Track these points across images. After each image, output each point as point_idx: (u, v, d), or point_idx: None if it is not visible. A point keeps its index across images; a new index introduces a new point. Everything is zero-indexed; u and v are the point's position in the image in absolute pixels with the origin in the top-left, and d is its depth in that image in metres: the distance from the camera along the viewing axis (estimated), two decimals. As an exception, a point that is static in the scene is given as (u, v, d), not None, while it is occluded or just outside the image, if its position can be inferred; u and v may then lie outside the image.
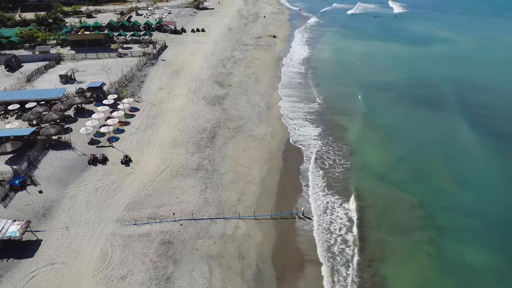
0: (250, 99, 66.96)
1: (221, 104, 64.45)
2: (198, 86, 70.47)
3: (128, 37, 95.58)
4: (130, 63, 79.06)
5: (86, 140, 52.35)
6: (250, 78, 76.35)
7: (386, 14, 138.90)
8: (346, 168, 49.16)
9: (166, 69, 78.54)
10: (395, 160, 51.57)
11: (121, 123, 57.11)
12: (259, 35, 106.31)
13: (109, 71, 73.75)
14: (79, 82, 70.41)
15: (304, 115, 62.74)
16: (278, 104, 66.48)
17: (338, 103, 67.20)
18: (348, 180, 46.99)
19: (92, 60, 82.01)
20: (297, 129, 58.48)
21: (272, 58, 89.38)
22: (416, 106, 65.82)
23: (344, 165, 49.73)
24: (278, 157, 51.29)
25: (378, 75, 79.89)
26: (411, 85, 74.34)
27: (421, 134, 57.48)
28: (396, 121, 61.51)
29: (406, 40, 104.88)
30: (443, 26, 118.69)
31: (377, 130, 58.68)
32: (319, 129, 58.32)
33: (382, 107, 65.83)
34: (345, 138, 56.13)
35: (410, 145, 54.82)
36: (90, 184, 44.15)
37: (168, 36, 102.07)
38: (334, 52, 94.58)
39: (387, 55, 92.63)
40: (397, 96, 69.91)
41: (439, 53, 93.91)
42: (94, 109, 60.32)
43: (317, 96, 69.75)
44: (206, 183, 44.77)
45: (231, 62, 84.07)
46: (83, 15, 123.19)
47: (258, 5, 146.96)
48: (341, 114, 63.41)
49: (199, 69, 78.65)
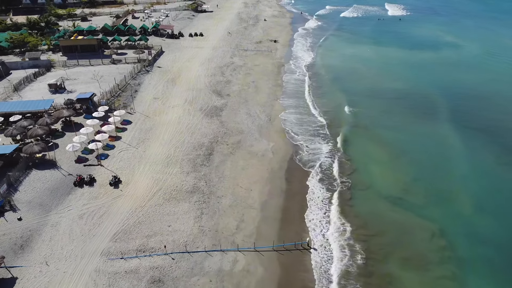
0: (250, 111, 63.13)
1: (219, 116, 60.61)
2: (195, 96, 66.63)
3: (123, 42, 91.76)
4: (124, 70, 75.22)
5: (73, 157, 48.53)
6: (250, 86, 72.52)
7: (390, 18, 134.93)
8: (354, 188, 45.37)
9: (162, 77, 74.70)
10: (405, 179, 47.77)
11: (112, 138, 53.26)
12: (259, 40, 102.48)
13: (101, 79, 70.05)
14: (69, 91, 66.56)
15: (307, 128, 58.92)
16: (280, 115, 62.64)
17: (343, 114, 63.36)
18: (355, 202, 43.20)
19: (84, 67, 78.16)
20: (300, 144, 54.65)
21: (273, 64, 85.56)
22: (426, 118, 61.99)
23: (352, 185, 45.93)
24: (280, 177, 47.45)
25: (385, 83, 76.08)
26: (420, 94, 70.43)
27: (433, 150, 53.70)
28: (406, 134, 57.69)
29: (412, 44, 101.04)
30: (449, 30, 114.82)
31: (385, 145, 54.85)
32: (324, 144, 54.51)
33: (389, 119, 62.00)
34: (351, 153, 52.32)
35: (421, 162, 51.06)
36: (75, 209, 40.29)
37: (165, 40, 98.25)
38: (338, 58, 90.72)
39: (393, 61, 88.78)
40: (406, 106, 66.04)
41: (446, 58, 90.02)
42: (83, 121, 56.54)
43: (320, 106, 65.91)
44: (202, 208, 40.92)
45: (230, 69, 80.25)
46: (78, 18, 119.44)
47: (258, 7, 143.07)
48: (346, 126, 59.58)
49: (197, 77, 74.82)
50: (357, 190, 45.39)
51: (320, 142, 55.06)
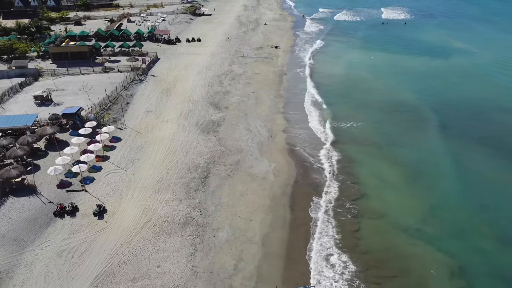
0: (249, 125, 58.70)
1: (217, 132, 56.19)
2: (190, 109, 62.19)
3: (116, 49, 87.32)
4: (116, 79, 70.81)
5: (55, 181, 44.12)
6: (250, 98, 68.09)
7: (395, 22, 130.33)
8: (362, 216, 41.05)
9: (156, 87, 70.27)
10: (419, 205, 43.47)
11: (99, 159, 48.82)
12: (259, 46, 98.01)
13: (90, 91, 65.62)
14: (56, 104, 62.15)
15: (310, 145, 54.55)
16: (282, 131, 58.22)
17: (349, 129, 58.95)
18: (365, 234, 38.89)
19: (74, 76, 73.74)
20: (303, 164, 50.27)
21: (274, 73, 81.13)
22: (439, 134, 57.58)
23: (360, 212, 41.61)
24: (284, 204, 43.03)
25: (393, 93, 71.63)
26: (432, 108, 65.80)
27: (448, 171, 49.27)
28: (418, 152, 53.33)
29: (419, 51, 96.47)
30: (457, 36, 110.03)
31: (395, 165, 50.47)
32: (329, 163, 50.10)
33: (399, 135, 57.64)
34: (358, 174, 47.98)
35: (436, 185, 46.71)
36: (53, 245, 35.87)
37: (161, 46, 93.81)
38: (342, 66, 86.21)
39: (400, 69, 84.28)
40: (416, 120, 61.59)
41: (458, 67, 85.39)
42: (69, 138, 52.16)
43: (324, 120, 61.51)
44: (196, 244, 36.51)
45: (228, 78, 75.82)
46: (71, 22, 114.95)
47: (258, 10, 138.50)
48: (353, 143, 55.22)
49: (193, 88, 70.37)
50: (366, 219, 41.07)
51: (325, 162, 50.66)
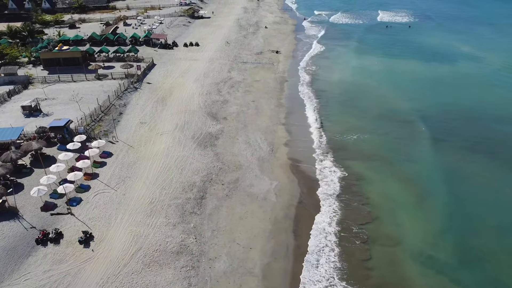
0: (249, 138, 55.35)
1: (214, 146, 52.84)
2: (187, 120, 58.85)
3: (111, 54, 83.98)
4: (109, 87, 67.52)
5: (39, 203, 40.80)
6: (249, 107, 64.73)
7: (399, 25, 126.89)
8: (372, 242, 37.71)
9: (151, 96, 66.92)
10: (433, 229, 40.22)
11: (87, 176, 45.49)
12: (260, 50, 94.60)
13: (82, 100, 62.35)
14: (46, 114, 58.81)
15: (314, 160, 51.18)
16: (283, 144, 54.86)
17: (355, 142, 55.57)
18: (376, 264, 35.56)
19: (65, 84, 70.40)
20: (307, 182, 46.91)
21: (275, 79, 77.75)
22: (451, 148, 54.22)
23: (370, 238, 38.28)
24: (286, 229, 39.66)
25: (400, 102, 68.21)
26: (441, 118, 62.44)
27: (461, 190, 45.93)
28: (428, 168, 49.98)
29: (425, 56, 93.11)
30: (464, 39, 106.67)
31: (406, 183, 47.10)
32: (336, 181, 46.76)
33: (409, 149, 54.29)
34: (368, 195, 44.60)
35: (450, 206, 43.31)
36: (33, 278, 32.55)
37: (157, 51, 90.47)
38: (346, 72, 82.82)
39: (406, 75, 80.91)
40: (426, 132, 58.22)
41: (466, 74, 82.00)
42: (57, 154, 48.88)
43: (328, 132, 58.15)
44: (190, 278, 33.16)
45: (227, 86, 72.45)
46: (66, 25, 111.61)
47: (259, 13, 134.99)
48: (360, 158, 51.85)
49: (190, 96, 67.02)
50: (376, 246, 37.72)
51: (331, 179, 47.28)
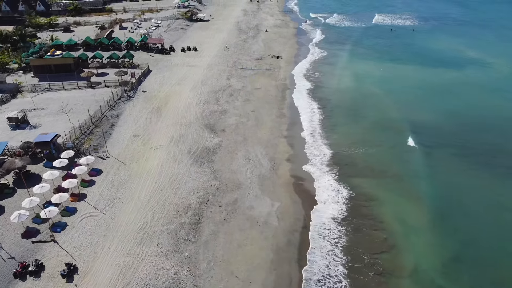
0: (249, 153, 51.90)
1: (212, 162, 49.40)
2: (183, 133, 55.44)
3: (105, 59, 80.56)
4: (102, 96, 64.11)
5: (20, 229, 37.43)
6: (249, 118, 61.27)
7: (403, 28, 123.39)
8: (387, 275, 34.32)
9: (146, 106, 63.50)
10: (449, 257, 36.94)
11: (74, 198, 42.07)
12: (260, 56, 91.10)
13: (72, 111, 59.07)
14: (33, 126, 55.47)
15: (319, 177, 47.67)
16: (286, 160, 51.39)
17: (363, 158, 52.08)
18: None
19: (56, 93, 67.00)
20: (312, 203, 43.48)
21: (276, 87, 74.28)
22: (466, 162, 50.74)
23: (385, 269, 34.89)
24: (289, 259, 36.20)
25: (408, 112, 64.68)
26: (452, 129, 58.96)
27: (478, 211, 42.57)
28: (442, 186, 46.58)
29: (431, 61, 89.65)
30: (470, 44, 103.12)
31: (419, 204, 43.73)
32: (343, 204, 43.26)
33: (419, 163, 50.90)
34: (379, 218, 41.14)
35: (467, 231, 39.99)
36: (7, 321, 29.22)
37: (154, 56, 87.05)
38: (350, 79, 79.34)
39: (413, 83, 77.38)
40: (436, 145, 54.77)
41: (475, 80, 78.53)
42: (43, 171, 45.54)
43: (334, 146, 54.62)
44: (183, 319, 29.81)
45: (226, 95, 69.02)
46: (60, 29, 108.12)
47: (259, 16, 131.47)
48: (368, 175, 48.40)
49: (186, 106, 63.61)
50: (392, 278, 34.38)
51: (338, 200, 43.86)
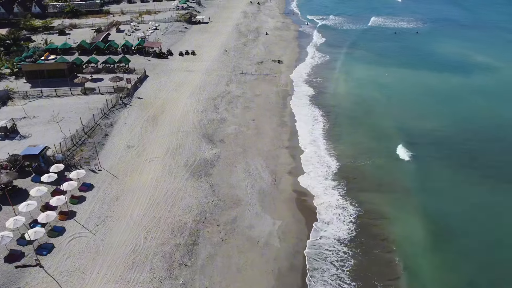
0: (249, 166, 49.31)
1: (209, 175, 46.81)
2: (180, 143, 52.90)
3: (100, 64, 78.03)
4: (95, 103, 61.57)
5: (4, 251, 34.95)
6: (249, 127, 58.68)
7: (405, 30, 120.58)
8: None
9: (141, 114, 60.97)
10: (461, 282, 34.38)
11: (62, 216, 39.56)
12: (260, 60, 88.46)
13: (64, 119, 56.61)
14: (23, 136, 53.01)
15: (324, 193, 45.04)
16: (288, 173, 48.77)
17: (369, 170, 49.47)
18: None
19: (48, 100, 64.46)
20: (317, 222, 40.90)
21: (277, 93, 71.67)
22: (478, 176, 48.03)
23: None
24: (292, 285, 33.65)
25: (414, 120, 62.06)
26: (461, 139, 56.25)
27: (497, 230, 40.05)
28: (453, 202, 44.03)
29: (437, 66, 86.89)
30: (476, 47, 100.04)
31: (428, 222, 41.10)
32: (351, 222, 40.57)
33: (428, 176, 48.33)
34: (389, 239, 38.59)
35: (481, 252, 37.42)
36: None
37: (151, 61, 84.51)
38: (354, 84, 76.55)
39: (419, 89, 74.60)
40: (445, 157, 52.07)
41: (483, 86, 75.79)
42: (31, 186, 43.08)
43: (339, 157, 51.93)
44: None
45: (225, 102, 66.43)
46: (55, 31, 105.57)
47: (259, 18, 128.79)
48: (376, 190, 45.78)
49: (184, 114, 61.06)
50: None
51: (344, 218, 41.17)
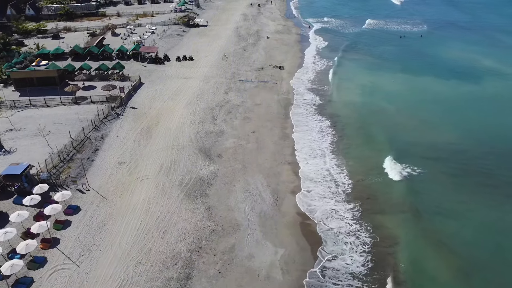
0: (248, 184, 45.83)
1: (206, 196, 43.34)
2: (174, 159, 49.45)
3: (93, 71, 74.60)
4: (86, 114, 58.18)
5: (-24, 287, 31.51)
6: (249, 140, 55.21)
7: (410, 34, 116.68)
8: None
9: (135, 125, 57.50)
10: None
11: (44, 244, 36.15)
12: (261, 66, 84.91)
13: (52, 132, 53.17)
14: (7, 151, 49.61)
15: (331, 215, 41.53)
16: (290, 192, 45.27)
17: (383, 189, 45.96)
18: None
19: (37, 110, 60.94)
20: (324, 248, 37.44)
21: (279, 102, 68.13)
22: (497, 195, 44.62)
23: None
24: (296, 328, 30.29)
25: (424, 131, 58.51)
26: (477, 152, 52.59)
27: None
28: (468, 227, 40.58)
29: (444, 72, 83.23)
30: (484, 52, 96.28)
31: (445, 249, 37.76)
32: (365, 251, 36.98)
33: (441, 196, 44.83)
34: (408, 270, 35.13)
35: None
36: None
37: (146, 67, 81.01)
38: (359, 92, 72.81)
39: (427, 96, 70.88)
40: (459, 174, 48.53)
41: (494, 93, 71.99)
42: (12, 209, 39.69)
43: (349, 173, 48.25)
44: None
45: (224, 112, 62.94)
46: (49, 35, 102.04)
47: (259, 20, 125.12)
48: (387, 211, 42.42)
49: (180, 126, 57.60)
50: None
51: (358, 246, 37.55)
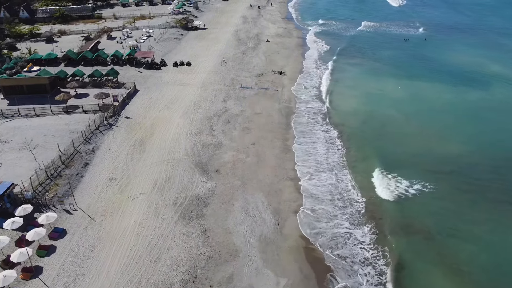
0: (248, 204, 42.77)
1: (202, 217, 40.29)
2: (169, 175, 46.39)
3: (86, 77, 71.59)
4: (77, 124, 55.26)
5: None
6: (248, 153, 52.17)
7: (414, 37, 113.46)
8: None
9: (128, 137, 54.48)
10: None
11: (25, 274, 33.12)
12: (261, 71, 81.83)
13: (40, 145, 50.13)
14: (-9, 166, 46.59)
15: (343, 242, 38.33)
16: (293, 212, 42.19)
17: (395, 207, 43.08)
18: None
19: (26, 120, 57.85)
20: (332, 278, 34.43)
21: (280, 111, 65.04)
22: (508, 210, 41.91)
23: None
24: None
25: (436, 142, 55.36)
26: (491, 166, 49.57)
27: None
28: (485, 250, 37.70)
29: (451, 77, 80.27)
30: (491, 56, 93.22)
31: (454, 270, 34.89)
32: (379, 281, 34.14)
33: (454, 216, 41.88)
34: None
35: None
36: None
37: (142, 72, 77.99)
38: (364, 100, 69.41)
39: (435, 105, 67.73)
40: (472, 190, 45.44)
41: (505, 101, 69.36)
42: (-8, 231, 36.66)
43: (358, 190, 45.35)
44: None
45: (222, 122, 59.88)
46: (43, 38, 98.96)
47: (259, 23, 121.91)
48: (398, 232, 39.46)
49: (175, 138, 54.58)
50: None
51: (370, 275, 34.61)
